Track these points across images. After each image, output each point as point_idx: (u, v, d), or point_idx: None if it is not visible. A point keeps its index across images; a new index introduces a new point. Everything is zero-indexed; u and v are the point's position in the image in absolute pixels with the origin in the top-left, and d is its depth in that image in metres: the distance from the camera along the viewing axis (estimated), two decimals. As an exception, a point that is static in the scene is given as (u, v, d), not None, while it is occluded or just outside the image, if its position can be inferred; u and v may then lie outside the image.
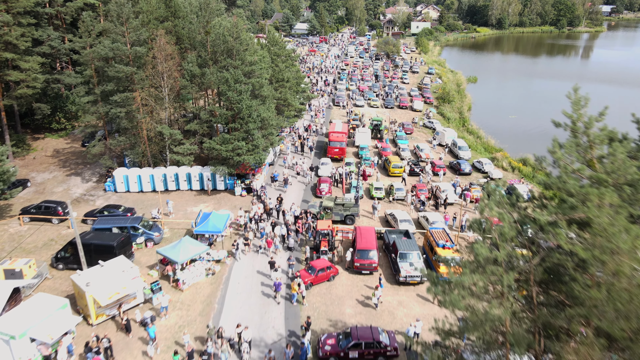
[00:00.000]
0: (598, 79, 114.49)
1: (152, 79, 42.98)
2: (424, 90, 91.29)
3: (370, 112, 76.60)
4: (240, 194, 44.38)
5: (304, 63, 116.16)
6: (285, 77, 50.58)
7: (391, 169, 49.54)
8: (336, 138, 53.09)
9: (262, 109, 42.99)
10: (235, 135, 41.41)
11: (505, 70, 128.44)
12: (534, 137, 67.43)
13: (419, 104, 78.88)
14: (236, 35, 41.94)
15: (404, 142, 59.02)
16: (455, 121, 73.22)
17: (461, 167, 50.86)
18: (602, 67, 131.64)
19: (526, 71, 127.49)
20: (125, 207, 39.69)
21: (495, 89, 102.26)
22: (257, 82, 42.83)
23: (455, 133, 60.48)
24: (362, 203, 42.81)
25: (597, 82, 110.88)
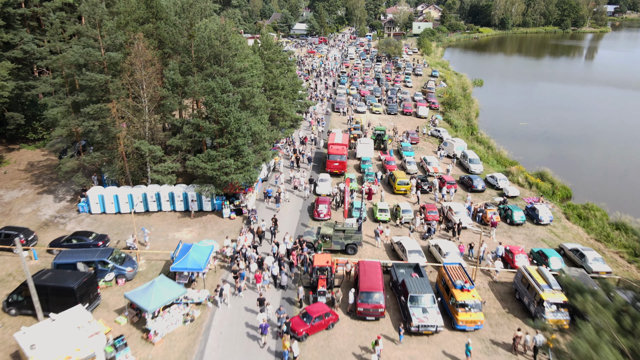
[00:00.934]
0: (606, 82, 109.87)
1: (130, 88, 38.33)
2: (428, 94, 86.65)
3: (372, 119, 71.93)
4: (229, 216, 39.75)
5: (303, 65, 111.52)
6: (280, 85, 45.93)
7: (396, 186, 44.90)
8: (336, 151, 48.45)
9: (253, 122, 38.37)
10: (223, 151, 36.78)
11: (511, 73, 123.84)
12: (549, 148, 62.79)
13: (424, 110, 74.24)
14: (224, 39, 37.30)
15: (409, 153, 54.38)
16: (463, 129, 68.60)
17: (473, 183, 46.20)
18: (610, 70, 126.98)
19: (532, 74, 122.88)
20: (97, 235, 35.04)
21: (502, 93, 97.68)
22: (247, 92, 38.21)
23: (464, 144, 55.85)
24: (365, 226, 38.19)
25: (605, 86, 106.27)
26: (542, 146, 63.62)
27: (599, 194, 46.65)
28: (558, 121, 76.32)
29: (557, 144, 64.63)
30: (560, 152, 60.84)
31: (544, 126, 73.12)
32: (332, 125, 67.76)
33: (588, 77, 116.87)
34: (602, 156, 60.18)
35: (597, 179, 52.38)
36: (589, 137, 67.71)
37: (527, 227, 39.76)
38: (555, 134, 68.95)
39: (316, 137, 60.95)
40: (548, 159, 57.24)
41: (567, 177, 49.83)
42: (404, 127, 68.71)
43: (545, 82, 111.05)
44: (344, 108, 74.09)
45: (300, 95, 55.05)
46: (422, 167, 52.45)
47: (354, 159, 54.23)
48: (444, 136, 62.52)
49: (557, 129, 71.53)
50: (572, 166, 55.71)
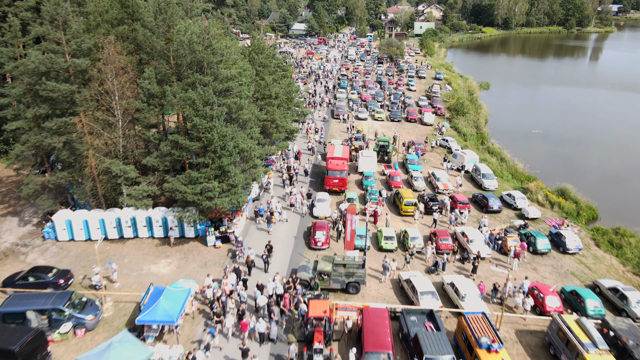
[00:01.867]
0: (618, 85, 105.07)
1: (100, 99, 33.52)
2: (433, 99, 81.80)
3: (374, 126, 67.12)
4: (213, 244, 34.97)
5: (301, 67, 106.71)
6: (273, 93, 41.06)
7: (403, 207, 40.09)
8: (335, 166, 43.64)
9: (240, 137, 33.56)
10: (206, 172, 31.98)
11: (518, 75, 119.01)
12: (568, 159, 57.93)
13: (430, 117, 69.38)
14: (207, 43, 32.49)
15: (416, 167, 49.56)
16: (472, 138, 63.79)
17: (489, 203, 41.37)
18: (619, 72, 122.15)
19: (540, 76, 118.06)
20: (58, 271, 30.26)
21: (510, 97, 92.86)
22: (234, 103, 33.40)
23: (476, 156, 50.99)
24: (368, 255, 33.40)
25: (617, 89, 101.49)
26: (560, 157, 58.72)
27: (630, 216, 41.91)
28: (573, 128, 71.54)
29: (575, 154, 59.82)
30: (580, 164, 56.05)
31: (558, 134, 68.31)
32: (332, 133, 62.95)
33: (598, 80, 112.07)
34: (627, 169, 55.36)
35: (625, 197, 47.51)
36: (608, 147, 62.90)
37: (553, 257, 34.96)
38: (572, 143, 64.16)
39: (313, 146, 56.22)
40: (568, 173, 52.45)
41: (591, 195, 45.02)
42: (409, 136, 63.92)
43: (554, 85, 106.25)
44: (344, 115, 69.26)
45: (296, 103, 50.24)
46: (430, 183, 47.63)
47: (355, 172, 49.45)
48: (453, 146, 57.71)
49: (573, 138, 66.74)
50: (595, 181, 50.80)
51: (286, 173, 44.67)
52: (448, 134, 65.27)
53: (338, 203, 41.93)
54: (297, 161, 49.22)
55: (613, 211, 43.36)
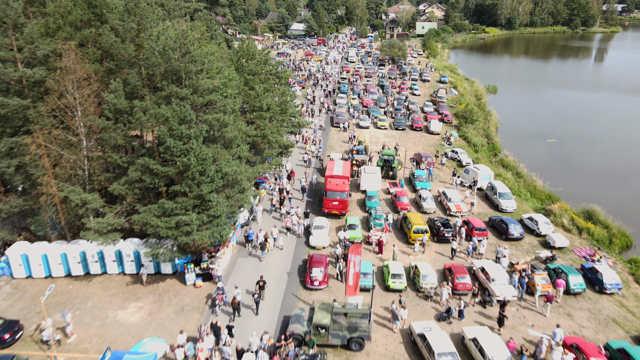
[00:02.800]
0: (630, 90, 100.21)
1: (60, 115, 28.64)
2: (439, 104, 76.88)
3: (376, 135, 62.24)
4: (193, 283, 30.11)
5: (299, 70, 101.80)
6: (265, 105, 36.11)
7: (412, 235, 35.19)
8: (335, 186, 38.76)
9: (224, 160, 28.68)
10: (182, 202, 27.11)
11: (525, 78, 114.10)
12: (591, 174, 52.95)
13: (437, 125, 64.44)
14: (185, 49, 27.59)
15: (424, 185, 44.70)
16: (483, 149, 58.88)
17: (509, 229, 36.47)
18: (630, 75, 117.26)
19: (548, 79, 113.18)
20: (5, 321, 25.41)
21: (520, 102, 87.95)
22: (217, 120, 28.51)
23: (491, 172, 46.11)
24: (373, 296, 28.58)
25: (629, 93, 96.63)
26: (582, 172, 53.69)
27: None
28: (591, 137, 66.69)
29: (599, 168, 54.81)
30: (606, 180, 51.04)
31: (575, 144, 63.48)
32: (331, 144, 58.03)
33: (610, 83, 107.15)
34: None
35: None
36: (636, 160, 57.98)
37: (589, 298, 30.08)
38: (593, 155, 59.26)
39: (310, 157, 51.40)
40: (593, 190, 47.52)
41: (623, 217, 40.15)
42: (414, 146, 59.04)
43: (563, 88, 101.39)
44: (344, 123, 64.28)
45: (292, 113, 45.32)
46: (440, 203, 42.74)
47: (357, 190, 44.58)
48: (463, 159, 52.78)
49: (594, 148, 61.85)
50: (625, 201, 45.76)
51: (277, 196, 39.53)
52: (457, 144, 60.39)
53: (338, 229, 37.09)
54: (289, 182, 44.06)
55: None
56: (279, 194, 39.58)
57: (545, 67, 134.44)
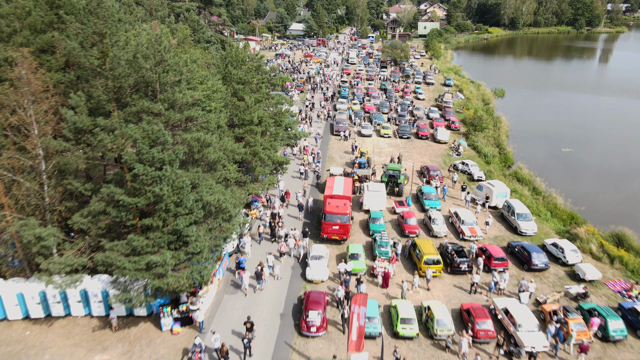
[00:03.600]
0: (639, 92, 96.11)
1: (12, 135, 24.42)
2: (445, 110, 72.63)
3: (380, 144, 58.02)
4: (170, 328, 25.91)
5: (298, 73, 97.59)
6: (256, 118, 31.83)
7: (422, 266, 30.96)
8: (335, 209, 34.51)
9: (205, 187, 24.46)
10: (154, 238, 22.91)
11: (532, 80, 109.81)
12: (614, 189, 48.64)
13: (444, 133, 60.19)
14: (158, 58, 23.36)
15: (434, 204, 40.47)
16: (495, 160, 54.63)
17: (532, 258, 32.24)
18: (639, 76, 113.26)
19: (557, 81, 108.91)
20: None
21: (528, 107, 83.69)
22: (196, 140, 24.29)
23: (506, 189, 41.89)
24: (380, 343, 24.38)
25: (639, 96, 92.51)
26: (604, 187, 49.32)
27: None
28: (608, 146, 62.46)
29: (620, 182, 50.56)
30: (632, 198, 46.76)
31: (593, 154, 59.27)
32: (331, 155, 53.81)
33: (624, 87, 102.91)
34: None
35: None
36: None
37: (631, 347, 25.88)
38: (613, 167, 55.00)
39: (307, 169, 47.31)
40: (619, 209, 43.34)
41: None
42: (421, 157, 54.83)
43: (573, 92, 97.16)
44: (345, 131, 60.00)
45: (288, 123, 41.06)
46: (452, 224, 38.54)
47: (359, 209, 40.38)
48: (475, 172, 48.55)
49: (612, 159, 57.59)
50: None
51: (270, 221, 35.01)
52: (466, 155, 56.16)
53: (339, 257, 32.93)
54: (283, 204, 39.54)
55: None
56: (270, 219, 35.16)
57: (552, 69, 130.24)
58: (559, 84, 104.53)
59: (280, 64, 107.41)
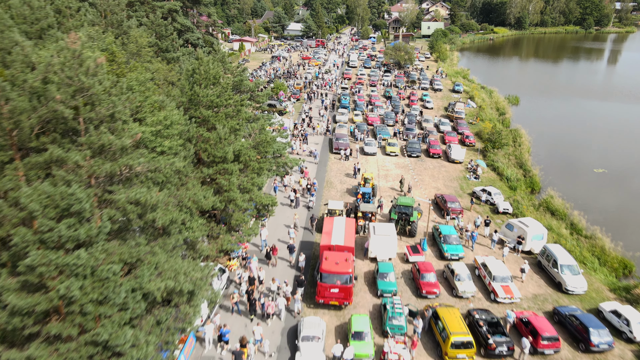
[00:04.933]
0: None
1: None
2: (457, 122, 65.15)
3: (386, 165, 50.56)
4: None
5: (294, 78, 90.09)
6: (230, 154, 24.16)
7: (449, 352, 23.47)
8: (334, 266, 27.00)
9: (148, 270, 17.01)
10: (65, 353, 15.46)
11: (547, 85, 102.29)
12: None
13: (459, 152, 52.63)
14: (76, 85, 15.90)
15: (455, 249, 32.99)
16: (520, 185, 47.12)
17: (590, 336, 24.72)
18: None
19: (573, 86, 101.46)
20: None
21: (548, 116, 76.20)
22: (134, 204, 16.81)
23: (543, 230, 34.41)
24: None
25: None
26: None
27: None
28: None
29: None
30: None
31: (631, 174, 51.81)
32: (329, 179, 46.30)
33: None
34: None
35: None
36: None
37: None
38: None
39: (297, 196, 40.04)
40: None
41: None
42: (433, 181, 47.39)
43: (595, 99, 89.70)
44: (346, 148, 52.41)
45: (278, 149, 33.57)
46: (479, 279, 31.07)
47: (364, 257, 32.94)
48: (499, 203, 41.10)
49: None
50: None
51: (245, 286, 27.32)
52: (486, 178, 48.70)
53: (338, 331, 25.52)
54: (269, 262, 30.94)
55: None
56: (248, 284, 27.46)
57: (564, 72, 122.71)
58: (575, 89, 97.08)
59: (275, 68, 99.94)
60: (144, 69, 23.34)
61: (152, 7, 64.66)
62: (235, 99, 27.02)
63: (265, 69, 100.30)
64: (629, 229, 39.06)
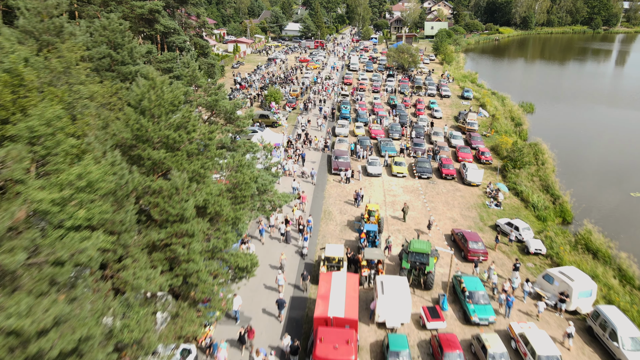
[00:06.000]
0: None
1: None
2: (470, 135, 58.43)
3: (392, 189, 43.97)
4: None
5: (290, 84, 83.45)
6: (189, 212, 17.36)
7: None
8: (331, 352, 20.36)
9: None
10: None
11: (561, 90, 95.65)
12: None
13: (476, 174, 45.88)
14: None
15: (484, 311, 26.35)
16: (549, 213, 40.48)
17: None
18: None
19: (591, 92, 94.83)
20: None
21: (568, 127, 69.62)
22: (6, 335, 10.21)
23: (592, 284, 27.79)
24: None
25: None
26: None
27: None
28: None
29: None
30: None
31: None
32: (327, 208, 39.70)
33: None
34: None
35: None
36: None
37: None
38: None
39: (287, 230, 33.69)
40: None
41: None
42: (447, 209, 40.83)
43: (617, 107, 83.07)
44: (346, 169, 45.74)
45: (263, 184, 27.07)
46: (516, 352, 24.48)
47: (369, 320, 26.36)
48: (529, 241, 34.46)
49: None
50: None
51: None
52: (508, 205, 42.08)
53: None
54: (242, 347, 23.59)
55: None
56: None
57: (580, 75, 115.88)
58: (595, 95, 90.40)
59: (271, 72, 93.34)
60: (69, 95, 16.80)
61: (131, 7, 58.15)
62: (202, 130, 20.39)
63: (260, 72, 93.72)
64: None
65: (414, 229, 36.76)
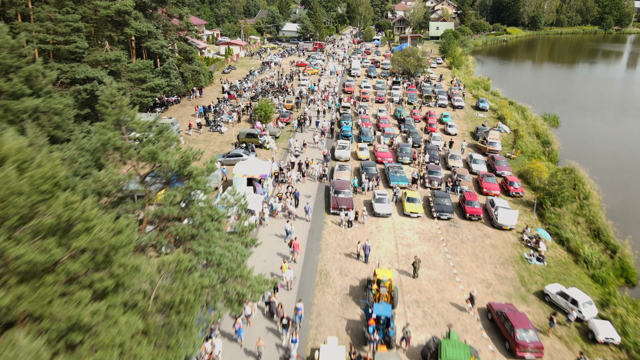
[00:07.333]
0: None
1: None
2: (494, 159, 49.43)
3: (405, 235, 35.13)
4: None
5: (285, 93, 74.55)
6: None
7: None
8: None
9: None
10: None
11: (581, 97, 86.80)
12: None
13: (508, 215, 36.84)
14: None
15: None
16: (607, 271, 31.66)
17: None
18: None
19: (615, 99, 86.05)
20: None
21: (600, 145, 60.85)
22: None
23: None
24: None
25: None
26: None
27: None
28: None
29: None
30: None
31: None
32: (323, 264, 30.87)
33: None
34: None
35: None
36: None
37: None
38: None
39: (273, 299, 25.39)
40: None
41: None
42: (479, 268, 31.94)
43: None
44: (348, 208, 36.83)
45: (232, 270, 18.49)
46: None
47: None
48: (596, 325, 25.67)
49: None
50: None
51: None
52: (553, 259, 33.22)
53: None
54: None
55: None
56: None
57: (605, 81, 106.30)
58: (625, 105, 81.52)
59: (265, 79, 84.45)
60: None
61: (94, 7, 49.43)
62: (123, 239, 11.54)
63: (252, 79, 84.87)
64: None
65: (445, 322, 27.55)
